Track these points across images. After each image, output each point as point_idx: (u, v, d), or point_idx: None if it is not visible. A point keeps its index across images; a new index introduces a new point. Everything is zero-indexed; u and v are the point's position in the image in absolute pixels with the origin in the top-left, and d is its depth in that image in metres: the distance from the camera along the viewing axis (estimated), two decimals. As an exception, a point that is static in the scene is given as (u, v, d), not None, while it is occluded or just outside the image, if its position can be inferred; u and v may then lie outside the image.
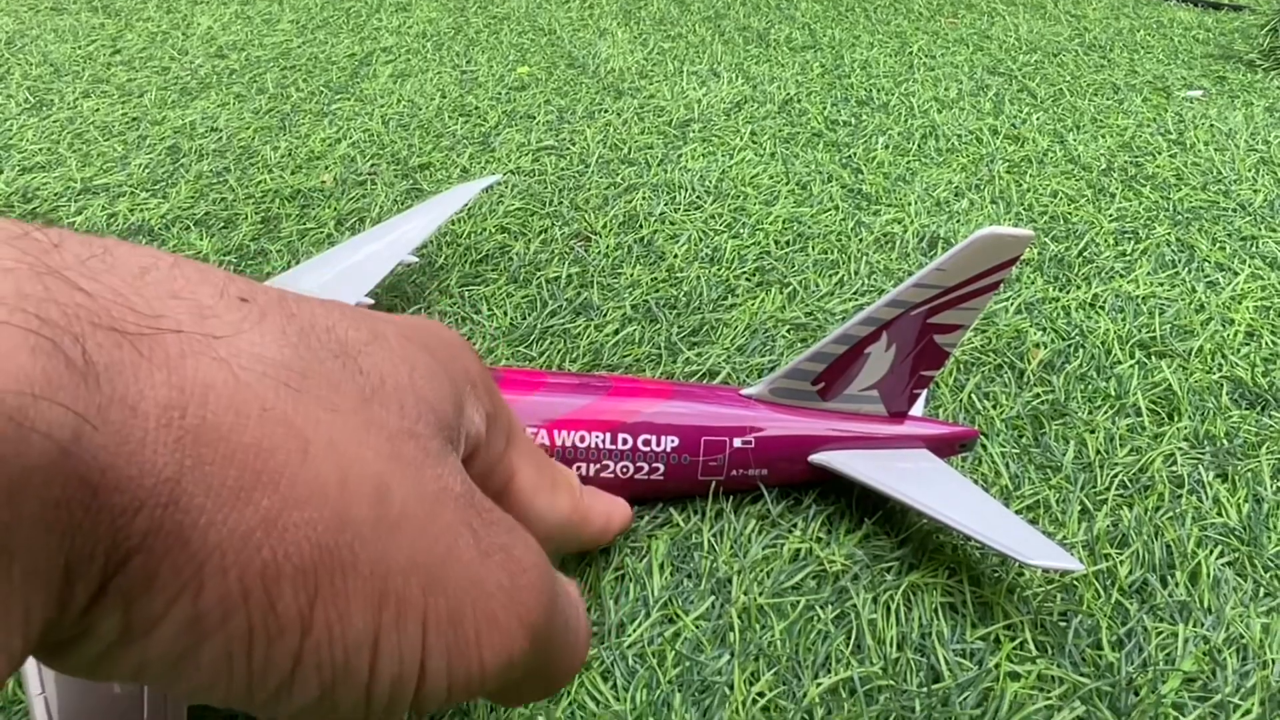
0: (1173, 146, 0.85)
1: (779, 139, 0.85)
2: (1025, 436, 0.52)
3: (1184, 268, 0.67)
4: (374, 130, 0.86)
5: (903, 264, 0.67)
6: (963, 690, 0.39)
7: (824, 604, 0.43)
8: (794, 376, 0.46)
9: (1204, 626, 0.42)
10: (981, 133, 0.86)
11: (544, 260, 0.67)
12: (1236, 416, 0.54)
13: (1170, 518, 0.47)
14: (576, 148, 0.83)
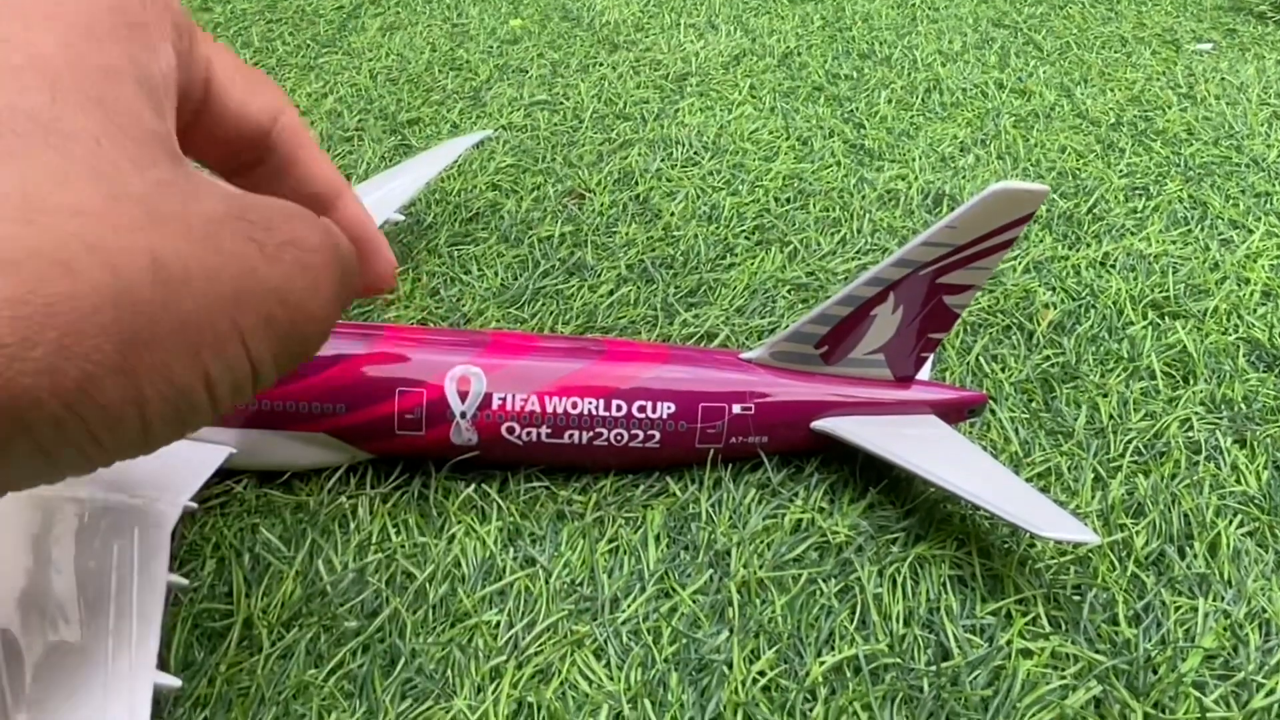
0: (1183, 100, 0.82)
1: (779, 93, 0.82)
2: (1035, 401, 0.51)
3: (1197, 225, 0.65)
4: (361, 85, 0.83)
5: (907, 221, 0.65)
6: (973, 669, 0.37)
7: (827, 577, 0.41)
8: (796, 339, 0.44)
9: (1224, 600, 0.40)
10: (987, 86, 0.84)
11: (536, 219, 0.65)
12: (1254, 379, 0.52)
13: (1187, 486, 0.45)
14: (570, 102, 0.80)
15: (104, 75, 0.22)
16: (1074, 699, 0.36)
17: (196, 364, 0.21)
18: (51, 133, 0.20)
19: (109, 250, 0.20)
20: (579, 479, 0.45)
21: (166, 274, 0.20)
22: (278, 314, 0.23)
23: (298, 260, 0.24)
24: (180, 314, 0.21)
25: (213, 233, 0.22)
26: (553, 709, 0.36)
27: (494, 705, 0.36)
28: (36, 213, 0.19)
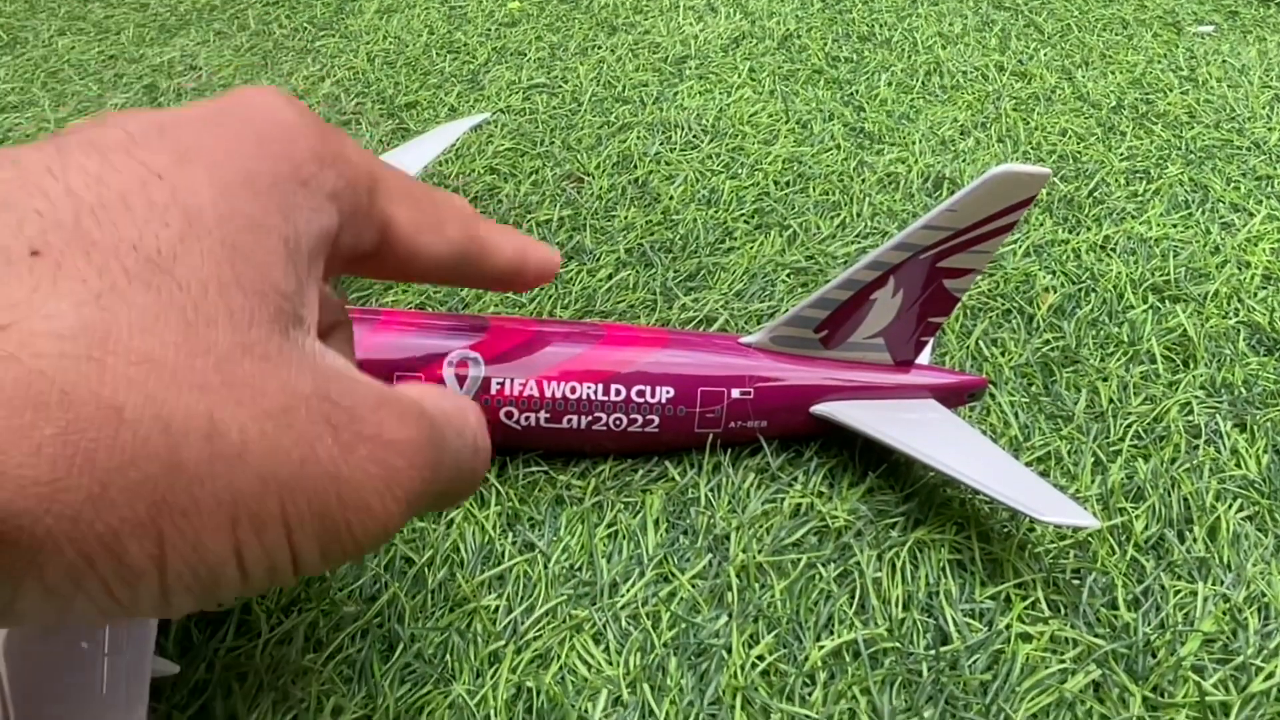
0: (1184, 83, 0.82)
1: (778, 76, 0.82)
2: (1035, 385, 0.50)
3: (1197, 208, 0.65)
4: (359, 67, 0.83)
5: (907, 205, 0.65)
6: (972, 653, 0.37)
7: (826, 562, 0.41)
8: (795, 324, 0.44)
9: (1224, 584, 0.40)
10: (987, 69, 0.83)
11: (535, 202, 0.65)
12: (1254, 363, 0.52)
13: (1187, 470, 0.45)
14: (569, 85, 0.80)
15: (249, 226, 0.22)
16: (1073, 683, 0.36)
17: (230, 540, 0.20)
18: (160, 274, 0.20)
19: (166, 404, 0.19)
20: (578, 464, 0.45)
21: (222, 442, 0.20)
22: (333, 508, 0.22)
23: (373, 456, 0.22)
24: (225, 486, 0.20)
25: (287, 408, 0.21)
26: (552, 693, 0.36)
27: (493, 690, 0.36)
28: (107, 352, 0.19)
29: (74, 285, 0.19)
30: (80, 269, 0.19)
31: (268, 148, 0.23)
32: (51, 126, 0.74)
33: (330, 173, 0.24)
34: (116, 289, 0.19)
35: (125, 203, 0.20)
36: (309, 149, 0.24)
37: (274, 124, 0.24)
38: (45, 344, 0.18)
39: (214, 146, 0.22)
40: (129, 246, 0.20)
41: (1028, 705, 0.36)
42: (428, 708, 0.36)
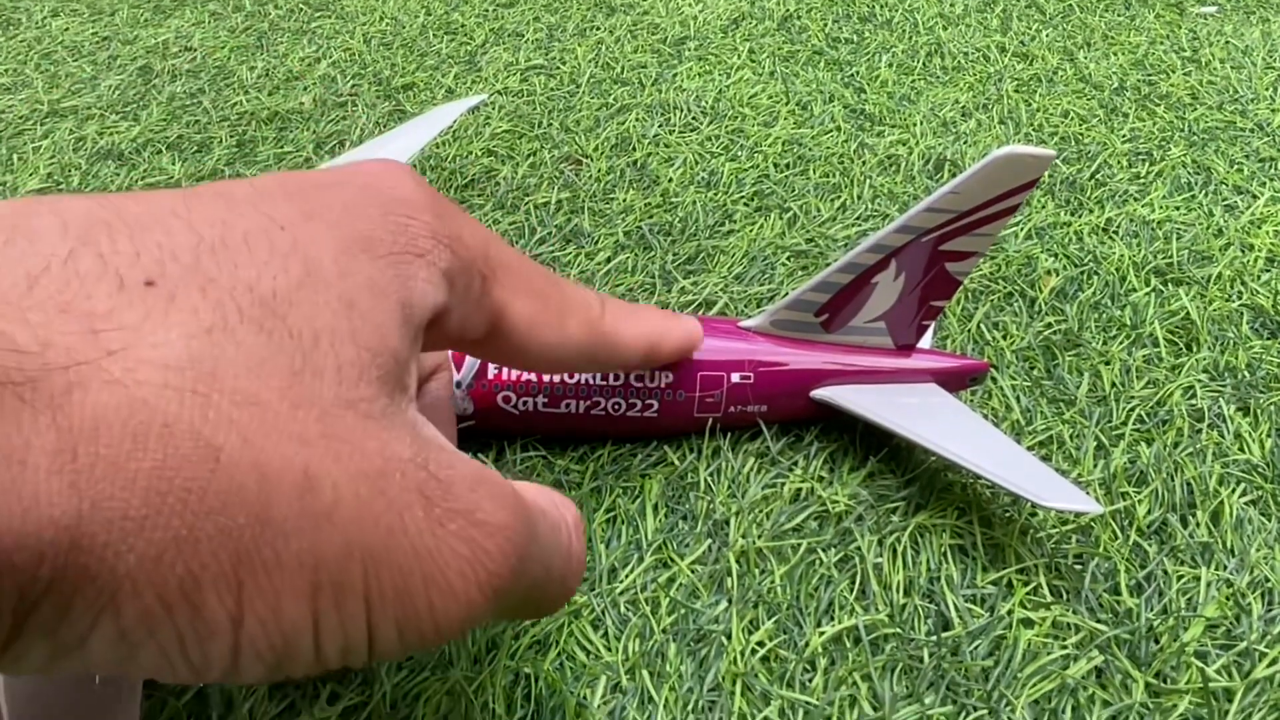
0: (1187, 64, 0.81)
1: (778, 57, 0.81)
2: (1037, 368, 0.50)
3: (1200, 190, 0.64)
4: (355, 49, 0.82)
5: (908, 187, 0.64)
6: (974, 638, 0.37)
7: (826, 547, 0.41)
8: (796, 307, 0.44)
9: (1227, 569, 0.40)
10: (989, 50, 0.83)
11: (532, 185, 0.64)
12: (1258, 347, 0.51)
13: (1190, 454, 0.45)
14: (567, 67, 0.79)
15: (368, 285, 0.21)
16: (1075, 669, 0.36)
17: (309, 607, 0.19)
18: (274, 318, 0.19)
19: (264, 452, 0.18)
20: (576, 448, 0.45)
21: (314, 498, 0.19)
22: (416, 587, 0.21)
23: (463, 535, 0.21)
24: (310, 547, 0.19)
25: (384, 471, 0.20)
26: (550, 680, 0.36)
27: (491, 676, 0.36)
28: (212, 389, 0.18)
29: (185, 317, 0.18)
30: (194, 302, 0.19)
31: (389, 218, 0.23)
32: (45, 108, 0.73)
33: (445, 251, 0.24)
34: (228, 326, 0.19)
35: (247, 245, 0.20)
36: (427, 225, 0.24)
37: (395, 197, 0.24)
38: (151, 373, 0.18)
39: (337, 209, 0.22)
40: (245, 287, 0.20)
41: (1030, 691, 0.36)
42: (425, 694, 0.35)
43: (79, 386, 0.17)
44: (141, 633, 0.18)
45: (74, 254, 0.18)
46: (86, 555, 0.17)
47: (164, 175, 0.66)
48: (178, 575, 0.18)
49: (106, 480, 0.17)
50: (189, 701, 0.35)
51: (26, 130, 0.71)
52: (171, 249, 0.19)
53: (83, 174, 0.66)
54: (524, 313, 0.28)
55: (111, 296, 0.18)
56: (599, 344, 0.32)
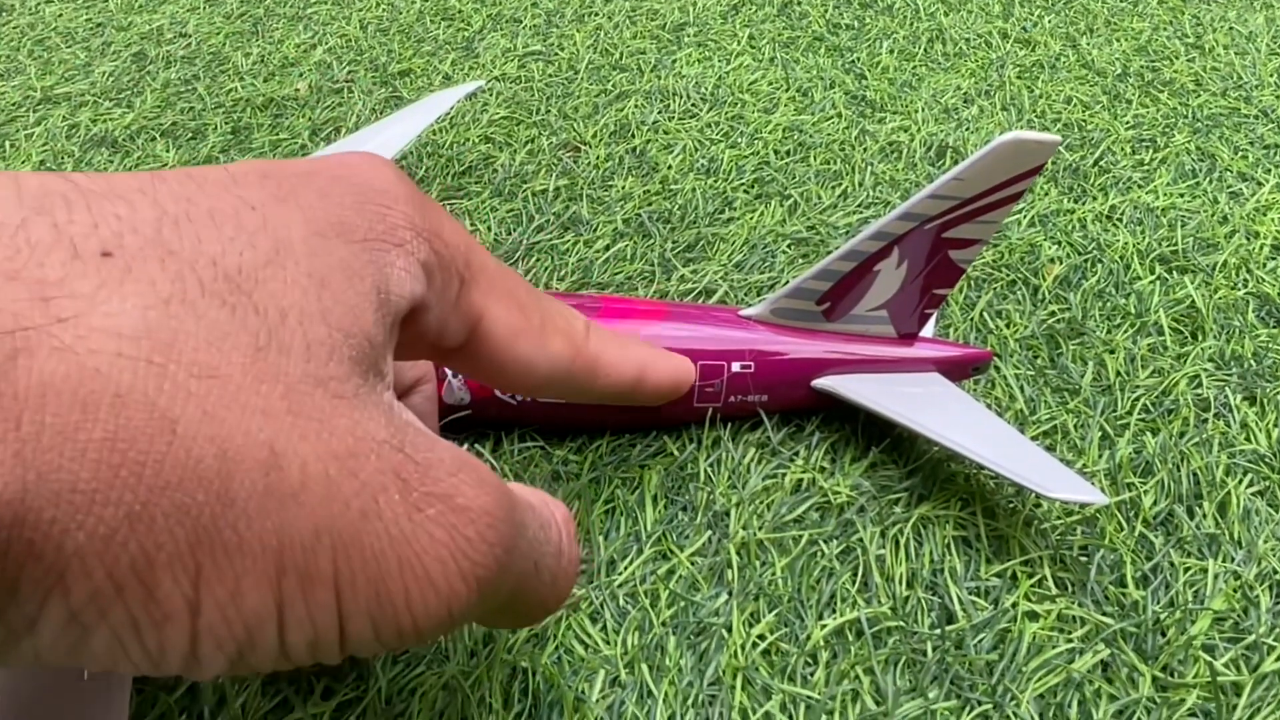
0: (1190, 50, 0.80)
1: (778, 43, 0.81)
2: (1041, 357, 0.49)
3: (1205, 178, 0.64)
4: (351, 35, 0.81)
5: (909, 174, 0.64)
6: (978, 632, 0.37)
7: (828, 538, 0.40)
8: (797, 296, 0.43)
9: (1234, 561, 0.39)
10: (991, 36, 0.82)
11: (530, 172, 0.64)
12: (1264, 335, 0.51)
13: (1196, 444, 0.44)
14: (565, 53, 0.78)
15: (341, 266, 0.21)
16: (1081, 662, 0.36)
17: (273, 593, 0.18)
18: (238, 293, 0.19)
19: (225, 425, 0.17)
20: (574, 439, 0.44)
21: (279, 476, 0.18)
22: (391, 574, 0.20)
23: (442, 520, 0.20)
24: (274, 529, 0.18)
25: (355, 451, 0.19)
26: (548, 674, 0.35)
27: (488, 670, 0.35)
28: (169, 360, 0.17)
29: (142, 288, 0.18)
30: (152, 274, 0.18)
31: (366, 206, 0.23)
32: (38, 95, 0.72)
33: (424, 245, 0.23)
34: (188, 299, 0.18)
35: (213, 221, 0.20)
36: (405, 216, 0.23)
37: (374, 186, 0.23)
38: (103, 341, 0.17)
39: (312, 194, 0.22)
40: (208, 261, 0.19)
41: (1035, 685, 0.35)
42: (420, 689, 0.35)
43: (25, 353, 0.16)
44: (92, 615, 0.17)
45: (26, 222, 0.18)
46: (32, 530, 0.16)
47: (158, 162, 0.65)
48: (130, 554, 0.17)
49: (54, 451, 0.16)
50: (180, 697, 0.34)
51: (19, 117, 0.70)
52: (132, 222, 0.19)
53: (76, 161, 0.65)
54: (504, 321, 0.27)
55: (64, 265, 0.17)
56: (581, 366, 0.31)
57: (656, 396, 0.36)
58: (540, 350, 0.29)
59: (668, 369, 0.35)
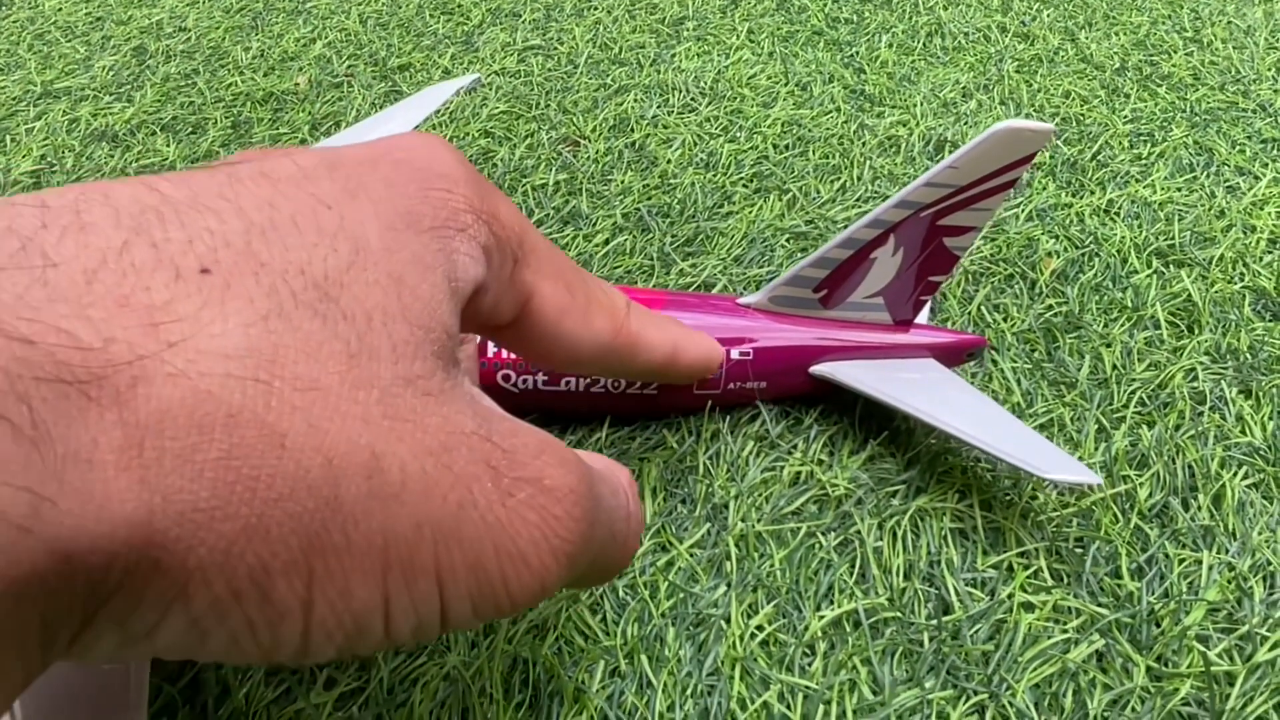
0: (1189, 44, 0.81)
1: (777, 37, 0.81)
2: (1038, 350, 0.50)
3: (1202, 172, 0.64)
4: (351, 29, 0.82)
5: (908, 168, 0.64)
6: (974, 622, 0.37)
7: (826, 530, 0.40)
8: (795, 284, 0.43)
9: (1229, 553, 0.40)
10: (990, 30, 0.82)
11: (530, 166, 0.64)
12: (1260, 329, 0.51)
13: (1192, 436, 0.45)
14: (564, 47, 0.79)
15: (414, 260, 0.21)
16: (1076, 653, 0.36)
17: (380, 588, 0.19)
18: (327, 300, 0.19)
19: (329, 435, 0.18)
20: (575, 430, 0.45)
21: (381, 479, 0.19)
22: (488, 559, 0.21)
23: (532, 502, 0.21)
24: (379, 528, 0.19)
25: (448, 446, 0.20)
26: (548, 664, 0.36)
27: (488, 661, 0.36)
28: (274, 376, 0.18)
29: (242, 305, 0.18)
30: (249, 289, 0.19)
31: (430, 192, 0.23)
32: (38, 89, 0.73)
33: (484, 227, 0.24)
34: (284, 312, 0.19)
35: (296, 226, 0.20)
36: (466, 199, 0.24)
37: (435, 171, 0.24)
38: (212, 363, 0.18)
39: (380, 185, 0.22)
40: (297, 270, 0.19)
41: (1030, 675, 0.35)
42: (422, 679, 0.35)
43: (143, 381, 0.17)
44: (212, 620, 0.18)
45: (128, 245, 0.18)
46: (158, 550, 0.17)
47: (158, 157, 0.65)
48: (248, 564, 0.18)
49: (175, 473, 0.17)
50: (184, 688, 0.35)
51: (19, 111, 0.70)
52: (223, 235, 0.19)
53: (76, 156, 0.65)
54: (552, 299, 0.28)
55: (169, 287, 0.18)
56: (621, 344, 0.31)
57: (688, 375, 0.37)
58: (585, 328, 0.29)
59: (699, 348, 0.37)
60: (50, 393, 0.16)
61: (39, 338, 0.17)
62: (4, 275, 0.17)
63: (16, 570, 0.16)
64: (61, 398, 0.16)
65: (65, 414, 0.16)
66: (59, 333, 0.17)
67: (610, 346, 0.31)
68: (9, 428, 0.16)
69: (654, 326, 0.34)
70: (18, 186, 0.62)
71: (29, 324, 0.17)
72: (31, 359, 0.16)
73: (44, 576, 0.16)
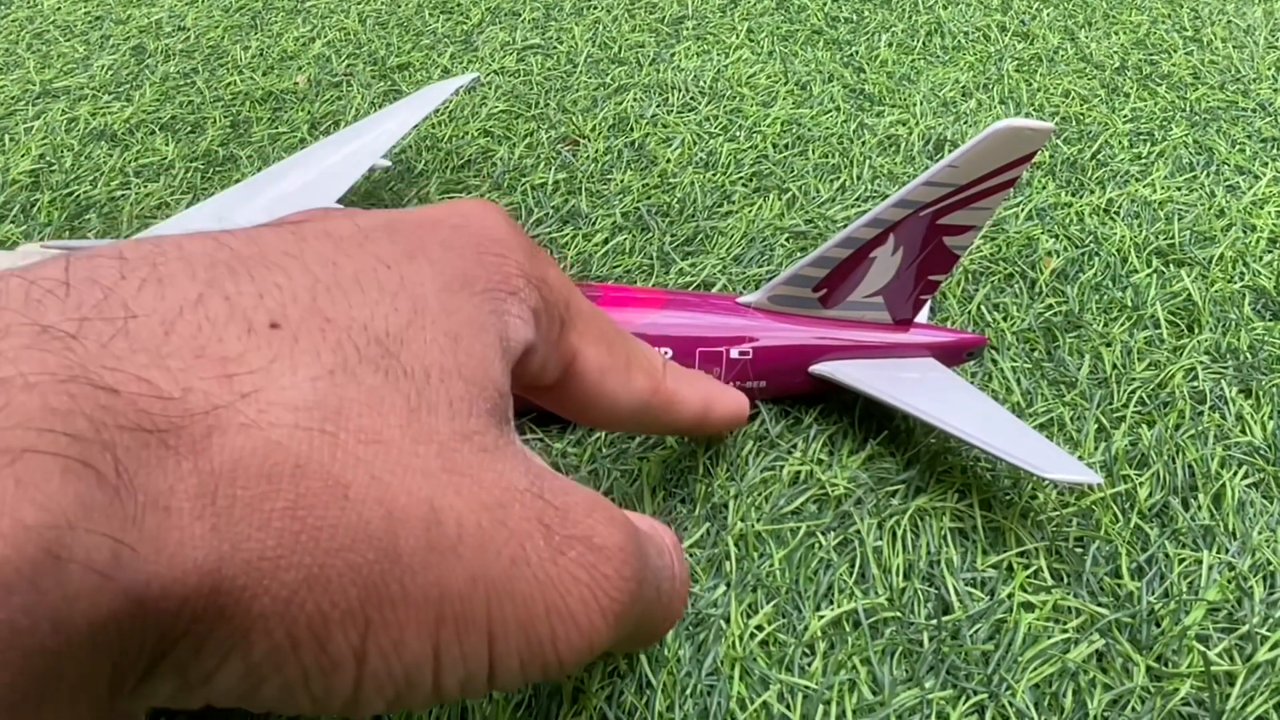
0: (1189, 44, 0.80)
1: (777, 36, 0.81)
2: (1038, 350, 0.50)
3: (1202, 171, 0.64)
4: (350, 28, 0.81)
5: (908, 168, 0.64)
6: (974, 622, 0.37)
7: (825, 530, 0.40)
8: (794, 283, 0.43)
9: (1229, 552, 0.40)
10: (989, 29, 0.82)
11: (529, 166, 0.64)
12: (1260, 328, 0.51)
13: (1192, 436, 0.45)
14: (564, 46, 0.79)
15: (469, 321, 0.22)
16: (1076, 653, 0.36)
17: (432, 641, 0.20)
18: (388, 356, 0.20)
19: (390, 488, 0.19)
20: (574, 430, 0.45)
21: (439, 532, 0.19)
22: (539, 617, 0.21)
23: (583, 561, 0.21)
24: (435, 581, 0.19)
25: (503, 501, 0.20)
26: (546, 664, 0.35)
27: (486, 660, 0.35)
28: (339, 428, 0.18)
29: (309, 359, 0.19)
30: (315, 344, 0.19)
31: (485, 256, 0.24)
32: (37, 88, 0.73)
33: (534, 292, 0.25)
34: (348, 367, 0.19)
35: (359, 285, 0.21)
36: (519, 265, 0.24)
37: (490, 236, 0.24)
38: (282, 414, 0.18)
39: (437, 247, 0.23)
40: (360, 326, 0.20)
41: (1030, 675, 0.35)
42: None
43: (218, 430, 0.17)
44: (268, 669, 0.18)
45: (203, 298, 0.19)
46: (225, 597, 0.17)
47: (157, 156, 0.65)
48: (307, 613, 0.18)
49: (244, 522, 0.17)
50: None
51: (18, 111, 0.70)
52: (291, 290, 0.20)
53: (75, 155, 0.65)
54: (595, 360, 0.29)
55: (241, 340, 0.19)
56: (659, 402, 0.32)
57: (719, 429, 0.38)
58: (625, 387, 0.30)
59: (730, 403, 0.38)
60: (132, 441, 0.17)
61: (122, 386, 0.17)
62: (89, 325, 0.17)
63: (95, 616, 0.16)
64: (142, 445, 0.17)
65: (146, 462, 0.17)
66: (141, 382, 0.17)
67: (648, 405, 0.32)
68: (94, 476, 0.16)
69: (688, 384, 0.34)
70: (16, 186, 0.62)
71: (113, 373, 0.17)
72: (115, 407, 0.17)
73: (119, 623, 0.16)
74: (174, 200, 0.61)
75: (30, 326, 0.17)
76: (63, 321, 0.17)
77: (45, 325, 0.17)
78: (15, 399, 0.16)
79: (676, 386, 0.33)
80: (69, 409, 0.16)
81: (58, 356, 0.17)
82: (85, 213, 0.60)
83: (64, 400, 0.16)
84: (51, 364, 0.16)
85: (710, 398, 0.36)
